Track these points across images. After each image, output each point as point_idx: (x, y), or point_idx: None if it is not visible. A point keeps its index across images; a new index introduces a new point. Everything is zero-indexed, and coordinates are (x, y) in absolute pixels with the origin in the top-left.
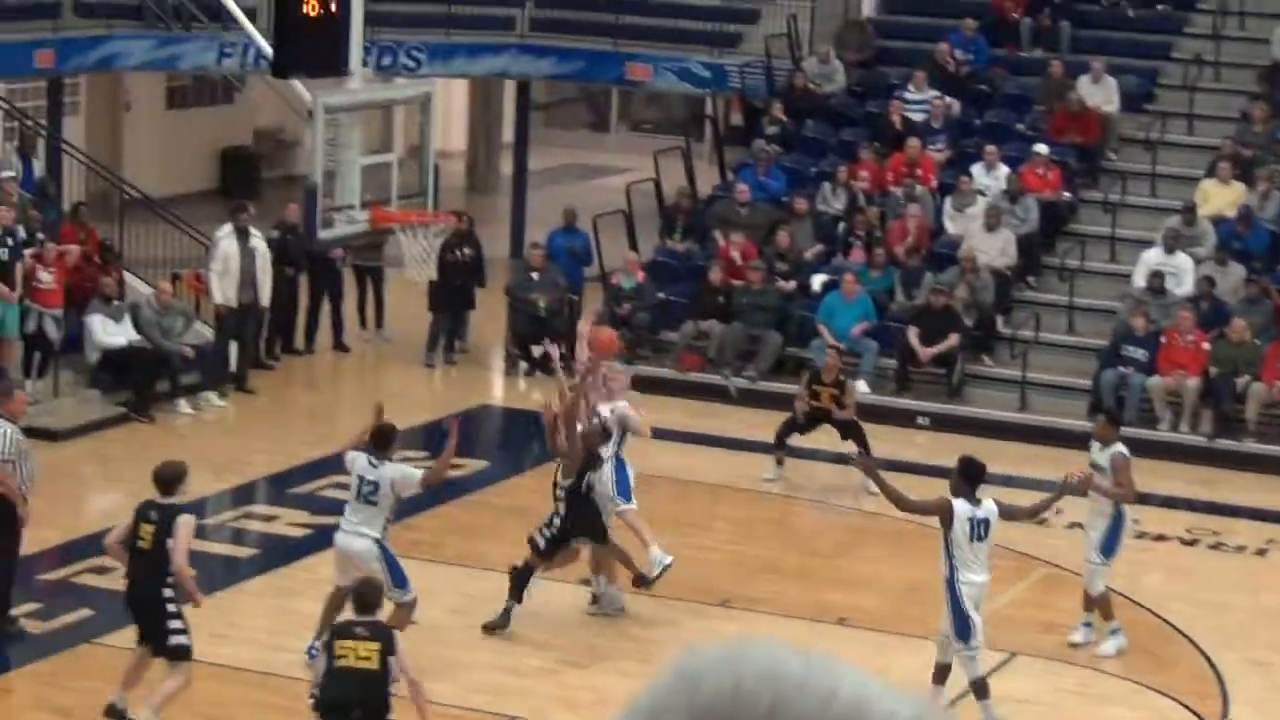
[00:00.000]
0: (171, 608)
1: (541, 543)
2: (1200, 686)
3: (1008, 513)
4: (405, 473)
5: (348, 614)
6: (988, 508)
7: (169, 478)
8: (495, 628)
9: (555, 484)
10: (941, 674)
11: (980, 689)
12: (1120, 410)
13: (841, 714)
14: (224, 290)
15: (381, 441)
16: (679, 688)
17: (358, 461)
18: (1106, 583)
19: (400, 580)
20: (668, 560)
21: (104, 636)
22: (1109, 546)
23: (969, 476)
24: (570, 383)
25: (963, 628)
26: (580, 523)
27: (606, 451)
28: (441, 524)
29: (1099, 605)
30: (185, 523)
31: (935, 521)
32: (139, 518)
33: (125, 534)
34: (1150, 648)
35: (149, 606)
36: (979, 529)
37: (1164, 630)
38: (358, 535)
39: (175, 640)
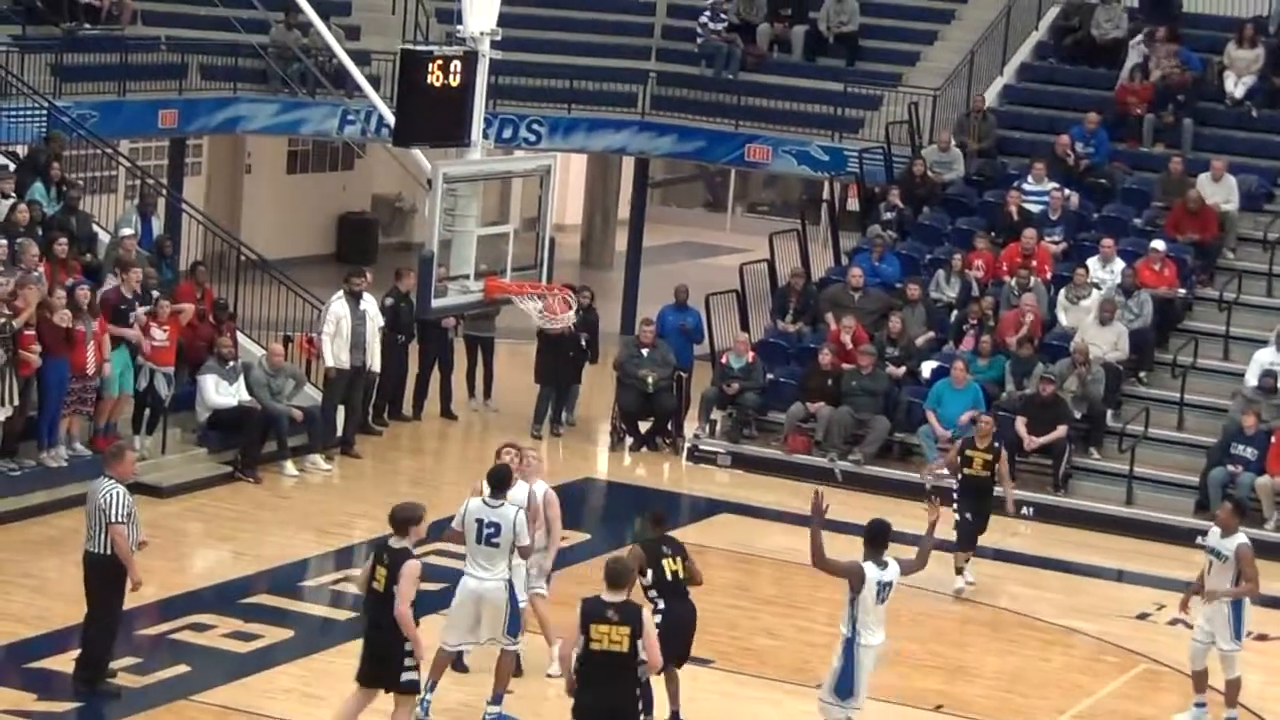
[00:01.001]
0: (407, 645)
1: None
2: None
3: (907, 568)
4: (522, 520)
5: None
6: (893, 570)
7: (402, 519)
8: None
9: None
10: None
11: None
12: None
13: None
14: (335, 353)
15: (498, 483)
16: None
17: (472, 505)
18: (1241, 670)
19: (514, 629)
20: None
21: (200, 693)
22: (1238, 630)
23: (873, 538)
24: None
25: (846, 687)
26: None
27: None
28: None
29: (1230, 690)
30: (410, 569)
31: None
32: (375, 559)
33: (366, 574)
34: None
35: (384, 650)
36: (884, 591)
37: None
38: (490, 579)
39: (407, 676)
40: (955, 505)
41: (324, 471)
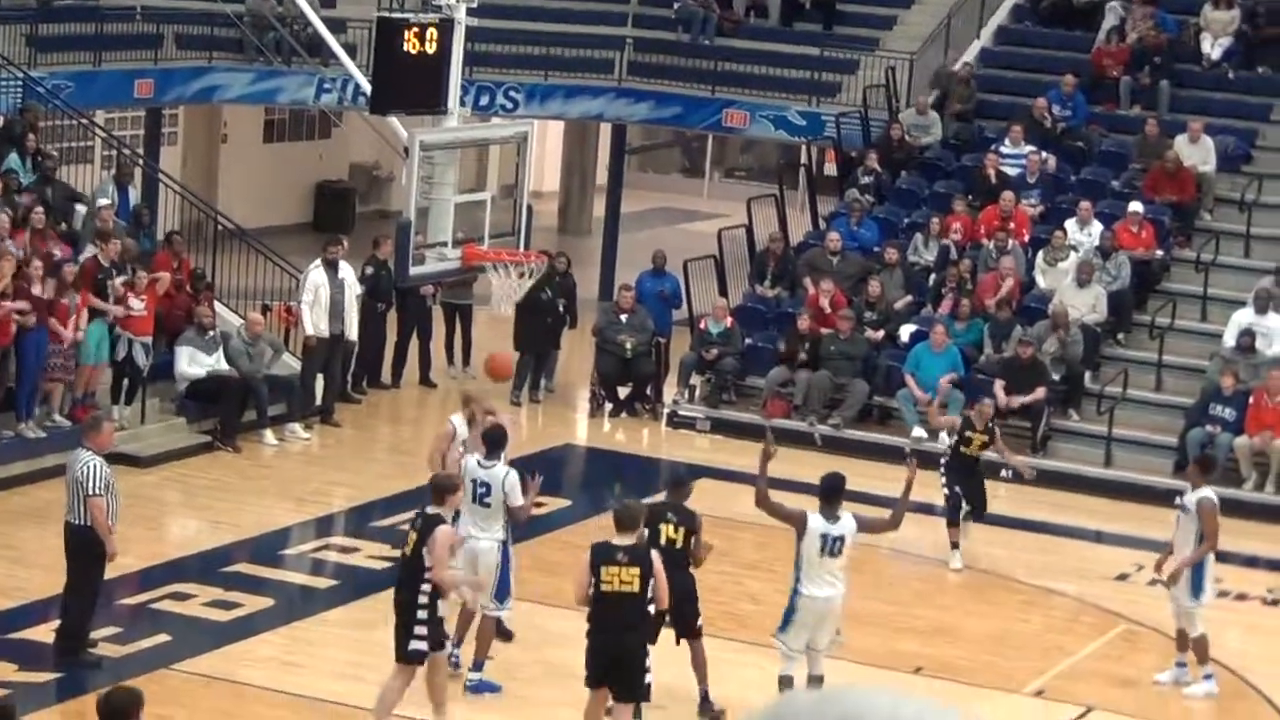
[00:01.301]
0: (421, 614)
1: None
2: None
3: (870, 526)
4: (513, 480)
5: (610, 537)
6: (845, 525)
7: (440, 487)
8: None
9: None
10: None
11: (784, 684)
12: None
13: None
14: (314, 322)
15: (491, 443)
16: None
17: (468, 464)
18: (1204, 626)
19: (501, 594)
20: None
21: (181, 662)
22: (1197, 587)
23: (825, 492)
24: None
25: (783, 625)
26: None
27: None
28: (522, 561)
29: (1197, 648)
30: (441, 534)
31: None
32: (411, 525)
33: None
34: (1228, 707)
35: (402, 610)
36: (832, 545)
37: (1242, 689)
38: (485, 538)
39: (413, 645)
40: (943, 479)
41: (303, 440)
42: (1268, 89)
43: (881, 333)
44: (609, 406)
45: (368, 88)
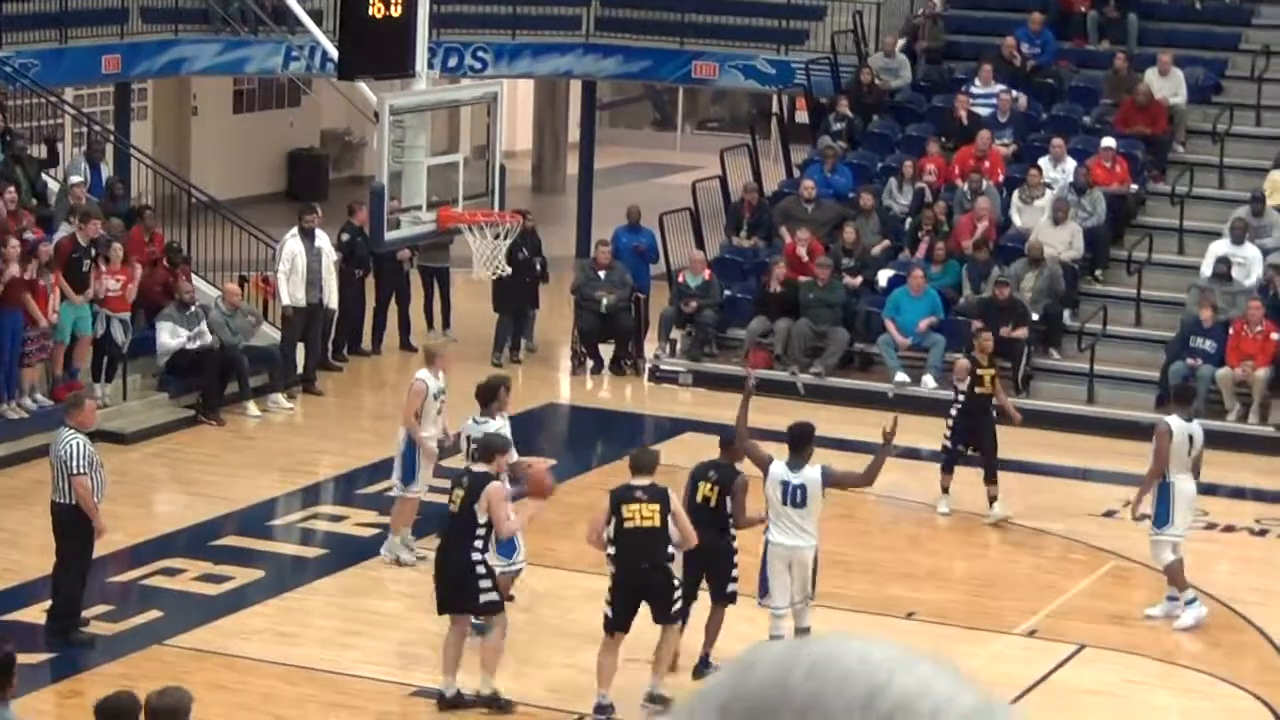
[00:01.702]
0: (481, 569)
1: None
2: (1270, 676)
3: (838, 480)
4: (507, 439)
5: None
6: (807, 474)
7: (490, 446)
8: None
9: None
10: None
11: None
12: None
13: (886, 710)
14: (291, 291)
15: (483, 399)
16: (732, 676)
17: (468, 425)
18: (1173, 554)
19: (504, 550)
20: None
21: (174, 638)
22: (1161, 517)
23: (792, 440)
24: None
25: (762, 585)
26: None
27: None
28: None
29: (1169, 576)
30: (494, 491)
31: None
32: (455, 482)
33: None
34: (1220, 638)
35: (457, 570)
36: (793, 494)
37: (1234, 620)
38: None
39: (486, 598)
40: (950, 428)
41: (286, 410)
42: (1235, 18)
43: (860, 279)
44: (590, 364)
45: (335, 54)
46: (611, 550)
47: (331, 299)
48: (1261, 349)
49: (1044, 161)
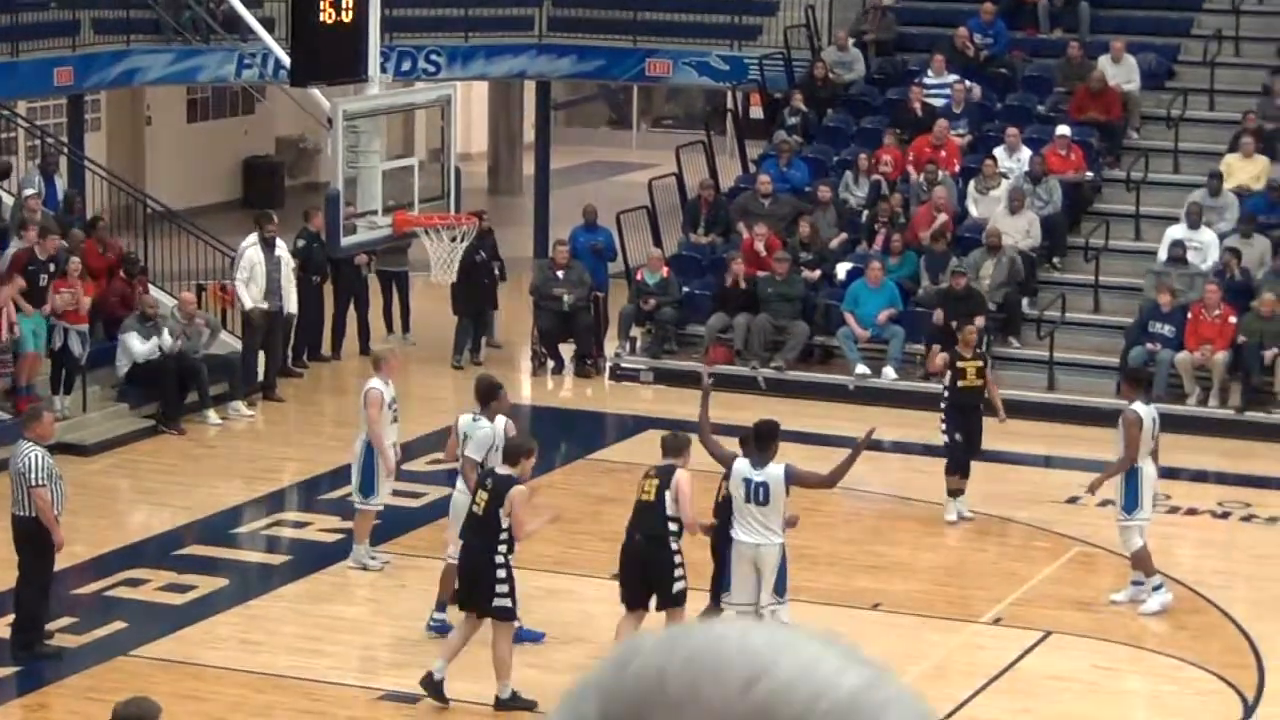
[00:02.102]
0: (500, 573)
1: None
2: (1236, 658)
3: (801, 479)
4: (533, 442)
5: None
6: (770, 472)
7: (513, 450)
8: None
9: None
10: None
11: None
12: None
13: (762, 698)
14: (252, 297)
15: (484, 398)
16: (612, 667)
17: (462, 420)
18: (1141, 539)
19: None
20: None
21: (139, 648)
22: (1129, 502)
23: (756, 437)
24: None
25: (724, 580)
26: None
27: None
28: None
29: (1136, 562)
30: (516, 495)
31: None
32: (479, 485)
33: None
34: (1185, 621)
35: (477, 571)
36: (756, 492)
37: (1198, 604)
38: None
39: (499, 603)
40: (944, 424)
41: (247, 418)
42: (1187, 4)
43: (818, 272)
44: (551, 364)
45: (287, 61)
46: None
47: (291, 305)
48: (1220, 332)
49: (999, 151)
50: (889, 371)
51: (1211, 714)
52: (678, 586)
